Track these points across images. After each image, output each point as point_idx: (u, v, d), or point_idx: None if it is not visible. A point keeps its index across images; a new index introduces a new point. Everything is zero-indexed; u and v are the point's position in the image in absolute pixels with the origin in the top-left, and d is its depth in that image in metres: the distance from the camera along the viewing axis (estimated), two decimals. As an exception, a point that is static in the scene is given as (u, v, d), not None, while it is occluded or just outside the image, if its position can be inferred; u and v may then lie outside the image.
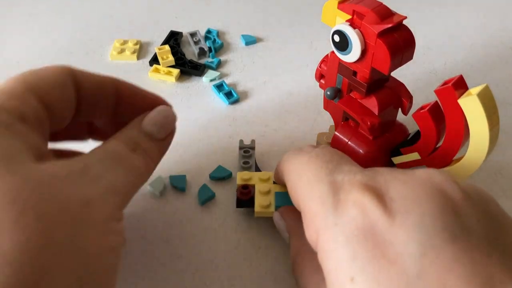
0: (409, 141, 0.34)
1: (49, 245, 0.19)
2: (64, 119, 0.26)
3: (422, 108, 0.31)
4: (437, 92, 0.29)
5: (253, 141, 0.39)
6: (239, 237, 0.34)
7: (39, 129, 0.24)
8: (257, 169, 0.38)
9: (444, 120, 0.30)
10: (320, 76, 0.36)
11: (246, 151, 0.39)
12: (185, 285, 0.31)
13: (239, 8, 0.57)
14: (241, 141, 0.39)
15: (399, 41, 0.29)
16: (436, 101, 0.30)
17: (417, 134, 0.34)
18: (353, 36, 0.29)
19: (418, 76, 0.47)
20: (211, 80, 0.47)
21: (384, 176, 0.23)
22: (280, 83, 0.47)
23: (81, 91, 0.27)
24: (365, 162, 0.32)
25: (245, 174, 0.34)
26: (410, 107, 0.34)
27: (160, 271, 0.32)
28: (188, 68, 0.48)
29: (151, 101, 0.30)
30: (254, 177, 0.34)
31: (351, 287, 0.20)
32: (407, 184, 0.22)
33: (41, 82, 0.25)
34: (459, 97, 0.28)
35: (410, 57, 0.30)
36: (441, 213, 0.20)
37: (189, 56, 0.50)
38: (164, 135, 0.28)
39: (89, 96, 0.27)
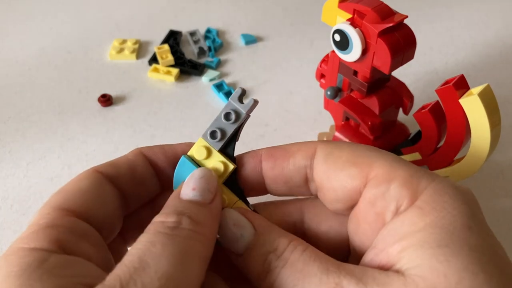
0: (410, 141, 0.34)
1: None
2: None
3: (423, 107, 0.31)
4: (438, 91, 0.29)
5: (254, 102, 0.24)
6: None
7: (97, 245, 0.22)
8: (230, 155, 0.25)
9: (445, 120, 0.30)
10: (320, 75, 0.36)
11: (228, 115, 0.24)
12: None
13: (239, 7, 0.57)
14: (236, 94, 0.24)
15: (400, 41, 0.28)
16: (437, 101, 0.30)
17: (418, 134, 0.34)
18: (354, 35, 0.29)
19: (419, 76, 0.47)
20: (210, 80, 0.47)
21: None
22: (280, 83, 0.47)
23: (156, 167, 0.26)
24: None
25: (201, 150, 0.25)
26: (411, 106, 0.34)
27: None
28: (187, 68, 0.47)
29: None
30: (212, 159, 0.25)
31: None
32: None
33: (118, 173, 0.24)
34: (460, 96, 0.28)
35: (411, 57, 0.30)
36: None
37: (189, 56, 0.50)
38: (210, 198, 0.24)
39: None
